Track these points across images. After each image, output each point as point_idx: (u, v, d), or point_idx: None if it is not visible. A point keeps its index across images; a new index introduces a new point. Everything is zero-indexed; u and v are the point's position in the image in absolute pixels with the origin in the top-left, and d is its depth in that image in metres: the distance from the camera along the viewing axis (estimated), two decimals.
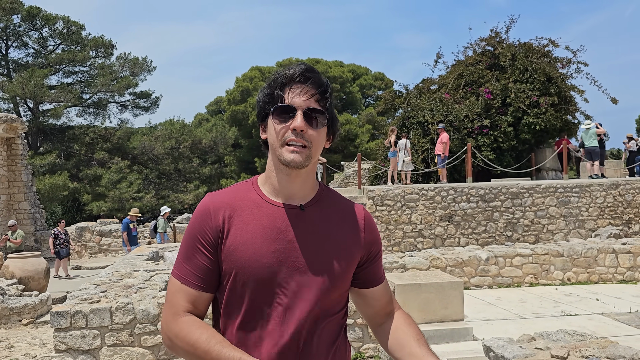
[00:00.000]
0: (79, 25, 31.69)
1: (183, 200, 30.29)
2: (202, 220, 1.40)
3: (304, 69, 1.38)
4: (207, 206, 1.41)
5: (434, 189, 12.93)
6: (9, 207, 16.81)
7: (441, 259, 8.33)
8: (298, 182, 1.40)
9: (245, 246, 1.35)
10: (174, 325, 1.35)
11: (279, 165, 1.39)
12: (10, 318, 7.79)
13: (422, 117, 16.94)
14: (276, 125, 1.37)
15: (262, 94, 1.43)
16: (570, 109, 17.54)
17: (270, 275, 1.34)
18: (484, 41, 18.90)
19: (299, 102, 1.36)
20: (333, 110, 1.44)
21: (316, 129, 1.37)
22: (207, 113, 43.79)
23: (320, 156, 1.49)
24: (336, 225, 1.44)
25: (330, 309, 1.41)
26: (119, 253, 16.66)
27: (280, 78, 1.39)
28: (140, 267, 7.22)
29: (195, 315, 1.38)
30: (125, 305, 5.06)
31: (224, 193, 1.45)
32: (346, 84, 37.01)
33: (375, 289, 1.52)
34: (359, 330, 5.64)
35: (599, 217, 13.10)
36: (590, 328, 5.90)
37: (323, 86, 1.39)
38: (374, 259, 1.51)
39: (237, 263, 1.35)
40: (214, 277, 1.39)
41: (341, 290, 1.43)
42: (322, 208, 1.45)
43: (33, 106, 30.14)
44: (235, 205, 1.40)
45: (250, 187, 1.45)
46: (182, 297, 1.38)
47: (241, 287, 1.36)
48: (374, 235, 1.50)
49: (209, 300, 1.41)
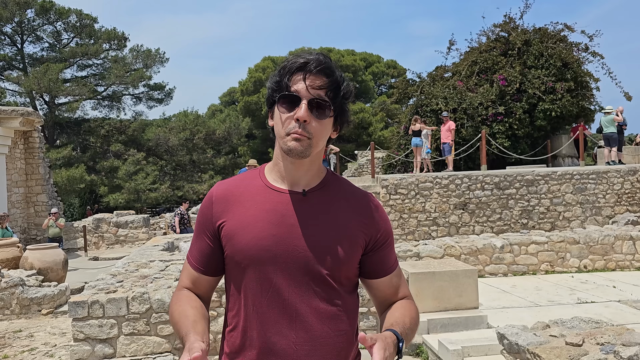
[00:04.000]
0: (92, 18, 31.87)
1: (198, 191, 30.50)
2: (205, 208, 1.47)
3: (315, 59, 1.35)
4: (211, 195, 1.47)
5: (448, 177, 12.86)
6: (27, 199, 17.06)
7: (455, 247, 8.29)
8: (302, 170, 1.41)
9: (246, 230, 1.38)
10: (172, 298, 1.49)
11: (283, 153, 1.39)
12: (30, 308, 7.94)
13: (436, 105, 16.79)
14: (281, 114, 1.37)
15: (271, 81, 1.42)
16: (587, 95, 17.26)
17: (270, 258, 1.36)
18: (498, 27, 18.62)
19: (305, 91, 1.34)
20: (344, 102, 1.41)
21: (320, 120, 1.35)
22: (221, 104, 43.89)
23: (333, 145, 1.49)
24: (340, 210, 1.43)
25: (334, 295, 1.39)
26: (135, 244, 16.86)
27: (290, 65, 1.37)
28: (156, 257, 7.29)
29: (194, 294, 1.48)
30: (141, 295, 5.13)
31: (230, 181, 1.50)
32: (358, 73, 36.82)
33: (379, 281, 1.49)
34: (373, 319, 5.65)
35: (616, 203, 12.93)
36: (606, 315, 5.84)
37: (333, 77, 1.36)
38: (380, 248, 1.47)
39: (238, 246, 1.38)
40: (214, 262, 1.46)
41: (345, 275, 1.41)
42: (327, 194, 1.44)
43: (49, 100, 30.47)
44: (239, 193, 1.44)
45: (256, 175, 1.48)
46: (185, 275, 1.51)
47: (242, 270, 1.39)
48: (379, 223, 1.47)
49: (209, 282, 1.49)
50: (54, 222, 13.91)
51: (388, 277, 1.49)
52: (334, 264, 1.38)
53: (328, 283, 1.38)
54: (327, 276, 1.37)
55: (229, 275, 1.45)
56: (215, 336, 5.26)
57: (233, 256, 1.40)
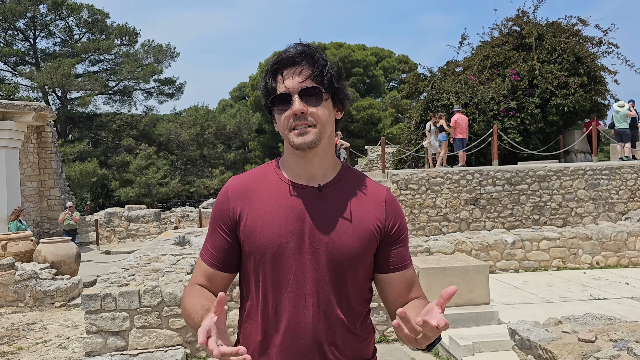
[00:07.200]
0: (103, 14, 32.04)
1: (209, 186, 30.63)
2: (221, 203, 1.45)
3: (294, 52, 1.35)
4: (227, 190, 1.45)
5: (459, 173, 12.79)
6: (40, 193, 17.23)
7: (466, 243, 8.26)
8: (316, 162, 1.40)
9: (263, 227, 1.37)
10: (184, 293, 1.45)
11: (294, 150, 1.39)
12: (44, 301, 8.03)
13: (447, 99, 16.70)
14: (279, 116, 1.37)
15: (260, 88, 1.42)
16: (600, 90, 17.04)
17: (289, 255, 1.36)
18: (511, 21, 18.45)
19: (293, 85, 1.33)
20: (337, 80, 1.38)
21: (317, 106, 1.34)
22: (231, 99, 43.93)
23: (343, 140, 1.48)
24: (356, 205, 1.42)
25: (351, 290, 1.40)
26: (146, 238, 16.97)
27: (272, 67, 1.37)
28: (167, 251, 7.34)
29: (208, 290, 1.45)
30: (153, 289, 5.16)
31: (245, 175, 1.48)
32: (369, 68, 36.66)
33: (392, 275, 1.45)
34: (384, 314, 5.65)
35: (630, 199, 12.80)
36: (619, 312, 5.80)
37: (315, 62, 1.35)
38: (394, 242, 1.45)
39: (257, 244, 1.37)
40: (230, 258, 1.44)
41: (362, 271, 1.41)
42: (342, 188, 1.43)
43: (61, 95, 30.71)
44: (255, 188, 1.43)
45: (271, 169, 1.47)
46: (198, 271, 1.48)
47: (261, 268, 1.38)
48: (395, 218, 1.45)
49: (224, 279, 1.46)
50: (69, 216, 14.07)
51: (402, 273, 1.46)
52: (352, 259, 1.37)
53: (346, 278, 1.38)
54: (345, 271, 1.37)
55: (246, 271, 1.43)
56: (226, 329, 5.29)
57: (251, 253, 1.39)
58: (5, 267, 8.05)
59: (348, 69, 36.00)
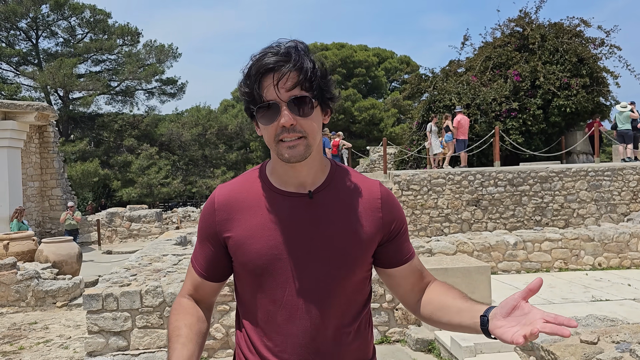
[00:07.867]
0: (105, 14, 32.09)
1: (210, 186, 30.65)
2: (208, 215, 1.39)
3: (280, 57, 1.23)
4: (213, 201, 1.39)
5: (460, 174, 12.78)
6: (41, 193, 17.25)
7: (468, 244, 8.25)
8: (304, 171, 1.33)
9: (254, 238, 1.32)
10: (173, 306, 1.43)
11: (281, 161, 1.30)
12: (45, 300, 8.04)
13: (449, 100, 16.69)
14: (264, 125, 1.28)
15: (241, 91, 1.31)
16: (603, 91, 17.03)
17: (282, 266, 1.31)
18: (513, 22, 18.44)
19: (280, 95, 1.23)
20: (324, 82, 1.29)
21: (307, 117, 1.26)
22: (233, 99, 43.93)
23: (345, 141, 1.45)
24: (350, 207, 1.36)
25: (350, 293, 1.37)
26: (148, 238, 16.98)
27: (255, 70, 1.25)
28: (169, 251, 7.34)
29: (195, 300, 1.44)
30: (154, 289, 5.16)
31: (232, 184, 1.41)
32: (371, 68, 36.70)
33: (401, 268, 1.43)
34: (385, 315, 5.65)
35: (632, 201, 12.77)
36: (621, 314, 5.78)
37: (303, 67, 1.24)
38: (395, 237, 1.42)
39: (247, 256, 1.33)
40: (218, 269, 1.42)
41: (360, 273, 1.38)
42: (334, 191, 1.36)
43: (63, 95, 30.77)
44: (242, 198, 1.36)
45: (258, 177, 1.40)
46: (189, 279, 1.46)
47: (253, 278, 1.34)
48: (392, 213, 1.40)
49: (212, 288, 1.45)
50: (71, 215, 14.09)
51: (409, 263, 1.44)
52: (348, 265, 1.34)
53: (344, 282, 1.35)
54: (343, 275, 1.34)
55: (240, 281, 1.40)
56: (227, 330, 5.29)
57: (243, 265, 1.35)
58: (7, 267, 8.06)
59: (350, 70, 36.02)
